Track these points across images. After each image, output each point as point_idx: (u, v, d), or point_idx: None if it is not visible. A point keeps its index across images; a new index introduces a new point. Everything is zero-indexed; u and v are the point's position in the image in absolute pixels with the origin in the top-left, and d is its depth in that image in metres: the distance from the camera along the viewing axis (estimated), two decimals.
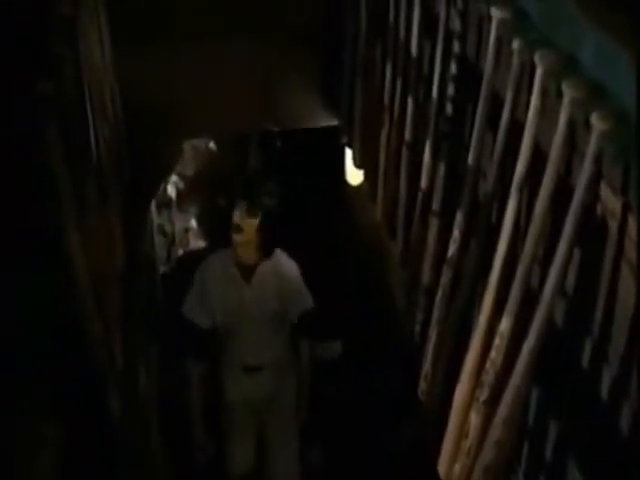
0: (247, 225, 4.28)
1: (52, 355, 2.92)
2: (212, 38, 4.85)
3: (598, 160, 2.19)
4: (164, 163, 5.39)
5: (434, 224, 3.42)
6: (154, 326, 5.43)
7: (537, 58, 2.41)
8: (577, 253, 2.40)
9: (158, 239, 6.84)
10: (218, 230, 4.87)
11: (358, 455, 5.26)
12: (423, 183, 3.53)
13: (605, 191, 2.26)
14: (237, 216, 4.26)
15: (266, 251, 4.44)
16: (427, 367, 3.36)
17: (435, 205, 3.41)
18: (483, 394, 2.65)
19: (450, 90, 3.26)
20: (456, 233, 3.09)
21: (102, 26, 4.13)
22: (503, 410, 2.53)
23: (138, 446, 3.91)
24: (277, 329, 4.63)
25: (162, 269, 6.96)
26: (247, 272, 4.49)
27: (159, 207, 7.00)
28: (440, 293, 3.23)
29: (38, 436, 2.79)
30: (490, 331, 2.68)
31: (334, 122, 5.25)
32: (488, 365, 2.64)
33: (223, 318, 4.55)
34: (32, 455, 2.70)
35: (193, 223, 7.58)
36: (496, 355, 2.60)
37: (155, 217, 6.68)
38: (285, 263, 4.55)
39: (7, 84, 2.70)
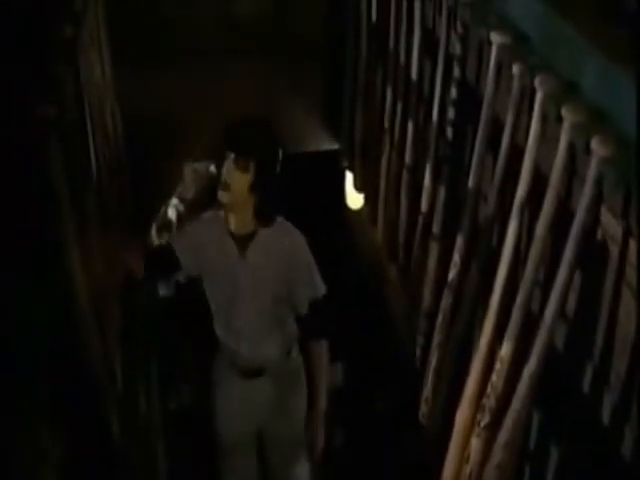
0: (236, 181, 3.33)
1: (52, 372, 2.92)
2: (213, 60, 4.87)
3: (598, 184, 2.19)
4: (164, 184, 5.40)
5: (434, 248, 3.42)
6: (154, 345, 5.40)
7: (537, 83, 2.41)
8: (578, 277, 2.39)
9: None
10: None
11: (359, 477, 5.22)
12: (423, 207, 3.54)
13: (605, 215, 2.27)
14: (224, 171, 3.35)
15: (264, 218, 3.48)
16: (428, 391, 3.35)
17: (435, 229, 3.41)
18: (484, 418, 2.64)
19: (450, 114, 3.26)
20: (456, 257, 3.09)
21: (102, 45, 4.15)
22: (504, 434, 2.52)
23: (139, 464, 3.90)
24: (281, 321, 3.64)
25: (161, 291, 6.94)
26: (242, 242, 3.51)
27: (159, 230, 6.99)
28: (440, 317, 3.23)
29: (38, 453, 2.78)
30: (491, 355, 2.68)
31: (335, 146, 5.25)
32: (489, 389, 2.63)
33: (211, 292, 3.63)
34: (32, 472, 2.68)
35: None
36: (497, 379, 2.59)
37: (155, 240, 6.66)
38: (290, 233, 3.55)
39: (9, 104, 2.70)
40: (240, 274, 3.51)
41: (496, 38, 2.71)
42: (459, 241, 3.06)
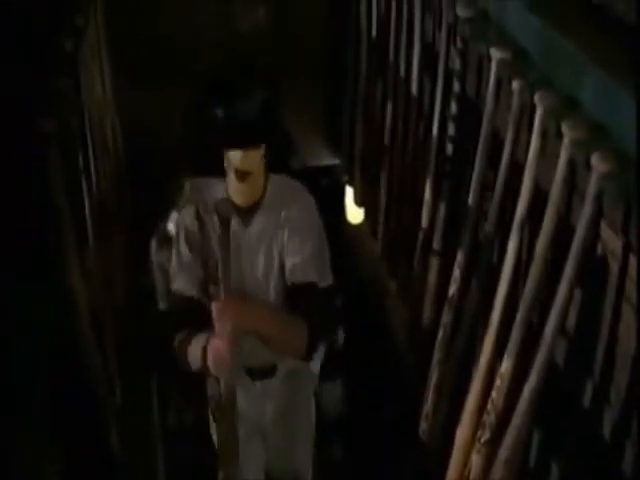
0: (250, 162, 2.92)
1: (52, 385, 2.92)
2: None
3: (599, 200, 2.19)
4: (165, 199, 5.39)
5: (435, 263, 3.42)
6: (153, 359, 5.39)
7: (537, 99, 2.41)
8: (578, 293, 2.39)
9: (158, 276, 6.82)
10: None
11: None
12: (424, 222, 3.53)
13: (606, 231, 2.26)
14: (234, 161, 2.91)
15: (275, 167, 3.08)
16: (428, 407, 3.34)
17: (436, 244, 3.40)
18: (484, 435, 2.63)
19: (450, 129, 3.26)
20: (457, 272, 3.08)
21: (103, 59, 4.16)
22: (504, 451, 2.51)
23: (138, 478, 3.89)
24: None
25: (161, 306, 6.92)
26: (245, 212, 3.07)
27: (159, 244, 6.98)
28: (441, 333, 3.22)
29: (38, 468, 2.77)
30: (491, 372, 2.67)
31: (335, 161, 5.26)
32: (489, 406, 2.62)
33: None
34: None
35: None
36: (497, 396, 2.58)
37: (155, 254, 6.65)
38: (298, 196, 3.14)
39: (10, 117, 2.71)
40: (243, 248, 3.07)
41: (496, 54, 2.71)
42: (459, 257, 3.06)
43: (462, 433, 2.81)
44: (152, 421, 4.85)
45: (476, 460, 2.68)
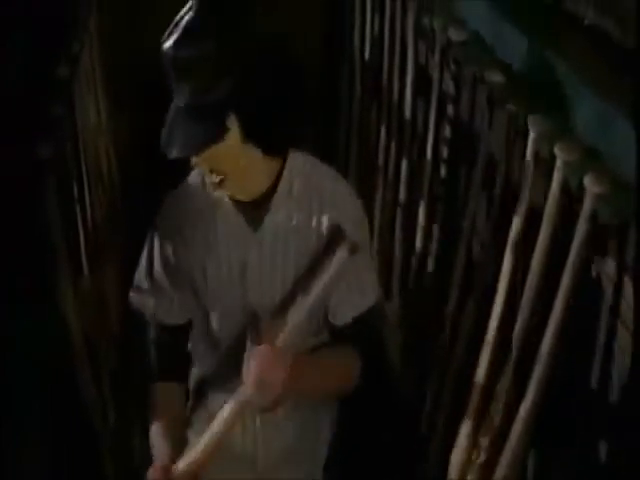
0: (219, 154, 2.12)
1: (45, 414, 2.91)
2: None
3: (592, 221, 2.20)
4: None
5: (429, 285, 3.42)
6: (148, 386, 5.37)
7: (530, 122, 2.42)
8: (573, 314, 2.39)
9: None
10: None
11: None
12: (418, 244, 3.54)
13: (600, 252, 2.27)
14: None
15: (273, 151, 2.22)
16: (424, 428, 3.34)
17: (430, 266, 3.41)
18: (480, 456, 2.63)
19: (444, 152, 3.28)
20: (452, 294, 3.09)
21: (97, 87, 4.16)
22: (500, 471, 2.51)
23: None
24: (312, 327, 2.41)
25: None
26: (253, 211, 2.28)
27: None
28: (436, 353, 3.22)
29: None
30: (487, 392, 2.67)
31: None
32: (485, 426, 2.62)
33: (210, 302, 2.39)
34: None
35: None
36: (493, 416, 2.59)
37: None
38: (323, 176, 2.42)
39: (4, 144, 2.71)
40: (251, 259, 2.29)
41: (489, 77, 2.73)
42: (455, 278, 3.07)
43: (458, 454, 2.81)
44: (146, 449, 4.83)
45: None
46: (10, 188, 2.66)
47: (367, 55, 4.29)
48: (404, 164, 3.77)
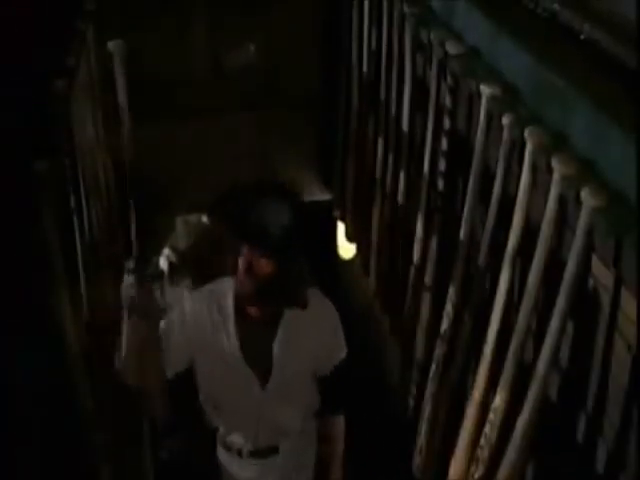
0: (261, 266, 2.84)
1: (42, 429, 2.90)
2: (209, 115, 4.91)
3: (589, 234, 2.20)
4: (158, 238, 5.39)
5: (427, 298, 3.42)
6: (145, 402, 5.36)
7: (527, 134, 2.43)
8: (570, 327, 2.40)
9: None
10: None
11: None
12: (415, 257, 3.54)
13: (597, 265, 2.27)
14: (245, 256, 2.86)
15: (296, 302, 2.97)
16: (421, 442, 3.33)
17: (428, 279, 3.41)
18: (478, 470, 2.63)
19: (441, 164, 3.28)
20: (449, 307, 3.09)
21: (96, 102, 4.16)
22: None
23: None
24: (304, 391, 3.13)
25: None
26: (266, 323, 3.02)
27: (151, 279, 6.96)
28: (434, 367, 3.22)
29: None
30: (484, 406, 2.67)
31: (327, 196, 5.27)
32: (482, 440, 2.62)
33: (216, 388, 3.13)
34: None
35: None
36: (490, 430, 2.58)
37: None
38: (321, 306, 3.08)
39: (1, 160, 2.71)
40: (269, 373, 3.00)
41: (486, 90, 2.74)
42: (451, 291, 3.07)
43: (456, 468, 2.80)
44: (144, 457, 4.83)
45: None
46: (7, 202, 2.66)
47: (365, 68, 4.30)
48: (401, 177, 3.77)
